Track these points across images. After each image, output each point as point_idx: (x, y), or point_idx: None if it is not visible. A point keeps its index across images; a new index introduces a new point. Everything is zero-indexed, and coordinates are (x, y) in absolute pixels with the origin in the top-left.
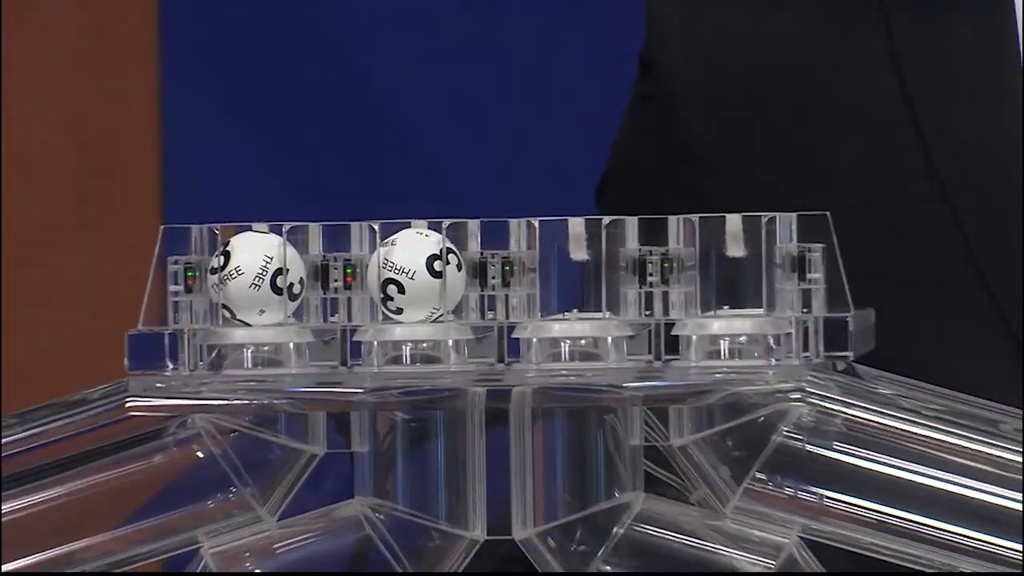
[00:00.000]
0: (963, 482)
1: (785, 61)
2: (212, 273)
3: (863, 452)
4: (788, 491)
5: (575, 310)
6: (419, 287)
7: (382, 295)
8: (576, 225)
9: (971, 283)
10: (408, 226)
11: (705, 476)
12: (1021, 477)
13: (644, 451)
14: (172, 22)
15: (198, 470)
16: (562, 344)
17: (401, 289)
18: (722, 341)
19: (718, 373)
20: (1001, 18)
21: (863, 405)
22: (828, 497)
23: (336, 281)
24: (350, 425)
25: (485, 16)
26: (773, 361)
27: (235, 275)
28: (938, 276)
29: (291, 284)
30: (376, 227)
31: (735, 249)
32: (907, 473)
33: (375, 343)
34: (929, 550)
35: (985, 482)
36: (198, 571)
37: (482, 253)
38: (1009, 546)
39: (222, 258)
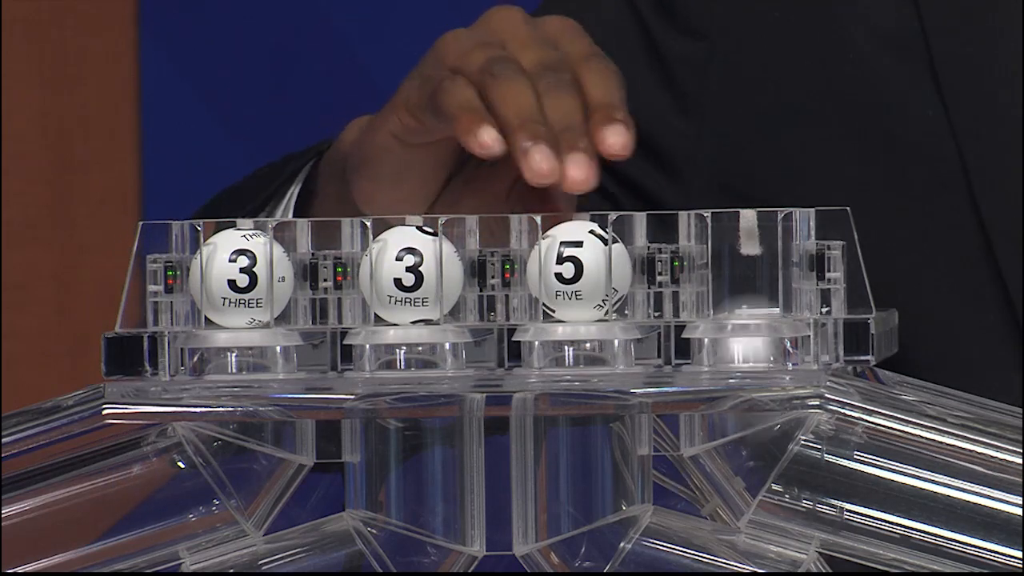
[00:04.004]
0: (992, 494)
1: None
2: None
3: (886, 462)
4: (806, 504)
5: None
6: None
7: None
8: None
9: (987, 276)
10: (403, 222)
11: (718, 488)
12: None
13: (653, 461)
14: (152, 10)
15: (179, 481)
16: (566, 348)
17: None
18: (736, 344)
19: (732, 378)
20: None
21: (886, 412)
22: (848, 510)
23: (326, 281)
24: (340, 434)
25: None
26: (790, 366)
27: None
28: (954, 266)
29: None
30: (368, 223)
31: (750, 246)
32: (933, 484)
33: (367, 346)
34: (956, 566)
35: (1017, 494)
36: None
37: (481, 251)
38: None
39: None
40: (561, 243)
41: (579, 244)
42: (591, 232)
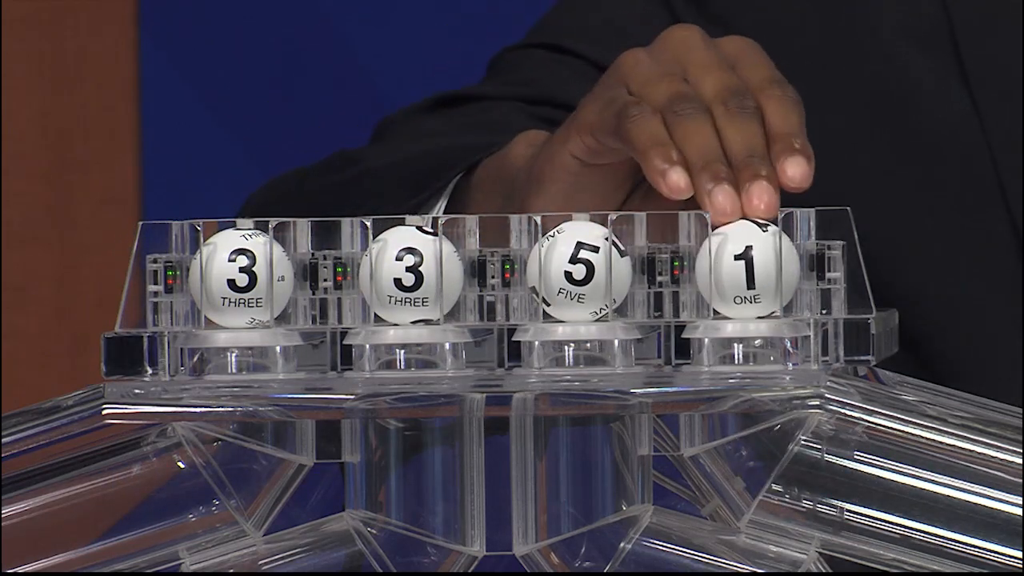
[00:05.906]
0: (992, 494)
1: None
2: None
3: (886, 462)
4: (806, 504)
5: None
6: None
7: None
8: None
9: (1017, 268)
10: (403, 222)
11: (718, 488)
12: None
13: (653, 461)
14: (152, 10)
15: (179, 481)
16: (566, 348)
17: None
18: (736, 345)
19: (732, 379)
20: None
21: (886, 412)
22: (848, 510)
23: (326, 281)
24: (340, 434)
25: (480, 9)
26: (790, 366)
27: None
28: (983, 258)
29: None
30: (368, 223)
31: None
32: (933, 484)
33: (367, 346)
34: (956, 567)
35: (1017, 494)
36: None
37: (481, 251)
38: None
39: None
40: (578, 243)
41: (595, 249)
42: (607, 239)
